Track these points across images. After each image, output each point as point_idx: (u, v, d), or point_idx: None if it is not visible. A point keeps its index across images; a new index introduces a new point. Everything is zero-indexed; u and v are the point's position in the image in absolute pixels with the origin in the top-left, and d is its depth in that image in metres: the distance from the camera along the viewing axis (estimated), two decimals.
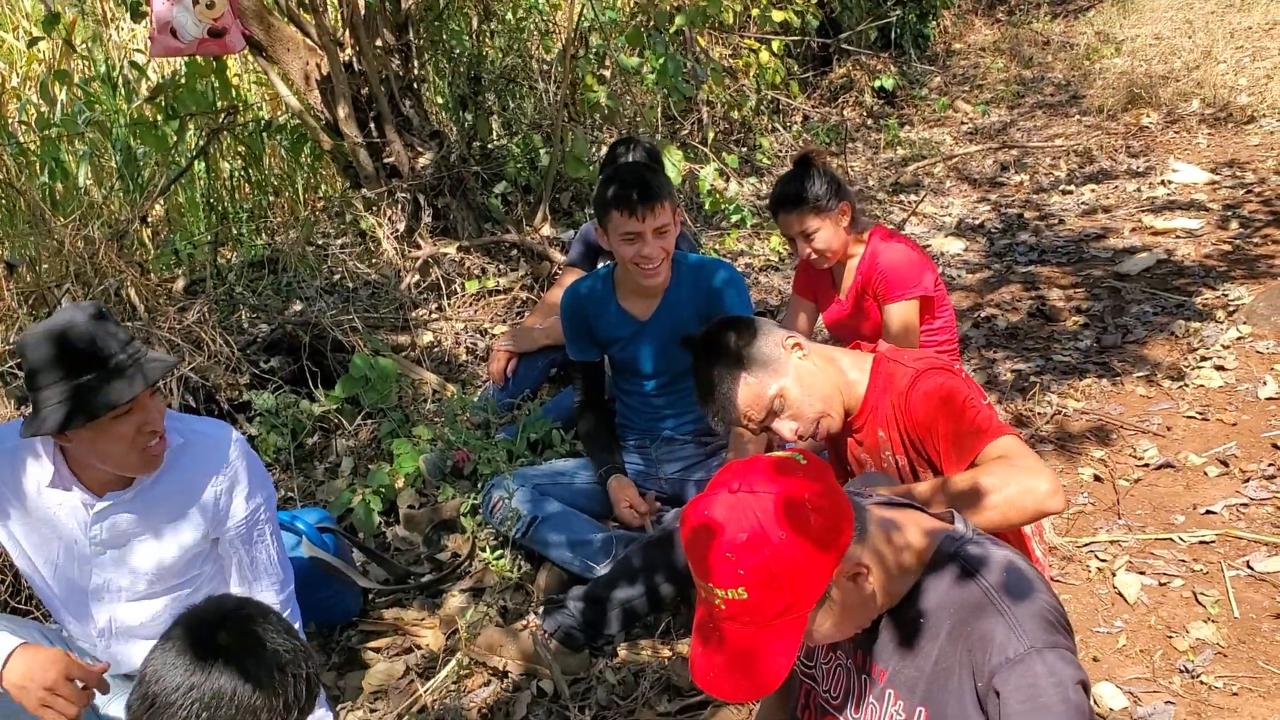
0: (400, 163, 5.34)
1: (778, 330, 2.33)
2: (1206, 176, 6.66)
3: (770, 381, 2.26)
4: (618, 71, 6.25)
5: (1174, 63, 8.92)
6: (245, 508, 2.42)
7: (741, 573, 1.47)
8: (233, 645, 1.63)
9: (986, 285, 5.43)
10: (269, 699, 1.63)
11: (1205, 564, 3.10)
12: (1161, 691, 2.62)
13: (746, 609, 1.49)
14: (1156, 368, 4.31)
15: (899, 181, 7.30)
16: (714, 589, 1.50)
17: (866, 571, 1.57)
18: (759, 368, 2.26)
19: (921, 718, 1.63)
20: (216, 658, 1.62)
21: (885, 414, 2.27)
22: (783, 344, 2.29)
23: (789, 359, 2.28)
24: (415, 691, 2.77)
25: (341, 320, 4.48)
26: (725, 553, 1.47)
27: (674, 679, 2.71)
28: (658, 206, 3.07)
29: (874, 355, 2.35)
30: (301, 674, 1.68)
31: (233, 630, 1.65)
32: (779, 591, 1.48)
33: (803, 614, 1.52)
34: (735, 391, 2.27)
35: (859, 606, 1.61)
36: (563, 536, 3.15)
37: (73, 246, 4.04)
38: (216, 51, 4.58)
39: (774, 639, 1.51)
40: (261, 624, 1.69)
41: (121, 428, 2.14)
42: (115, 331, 2.14)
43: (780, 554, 1.46)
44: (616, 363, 3.44)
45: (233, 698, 1.61)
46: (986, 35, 11.54)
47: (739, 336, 2.29)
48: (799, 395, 2.27)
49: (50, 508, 2.29)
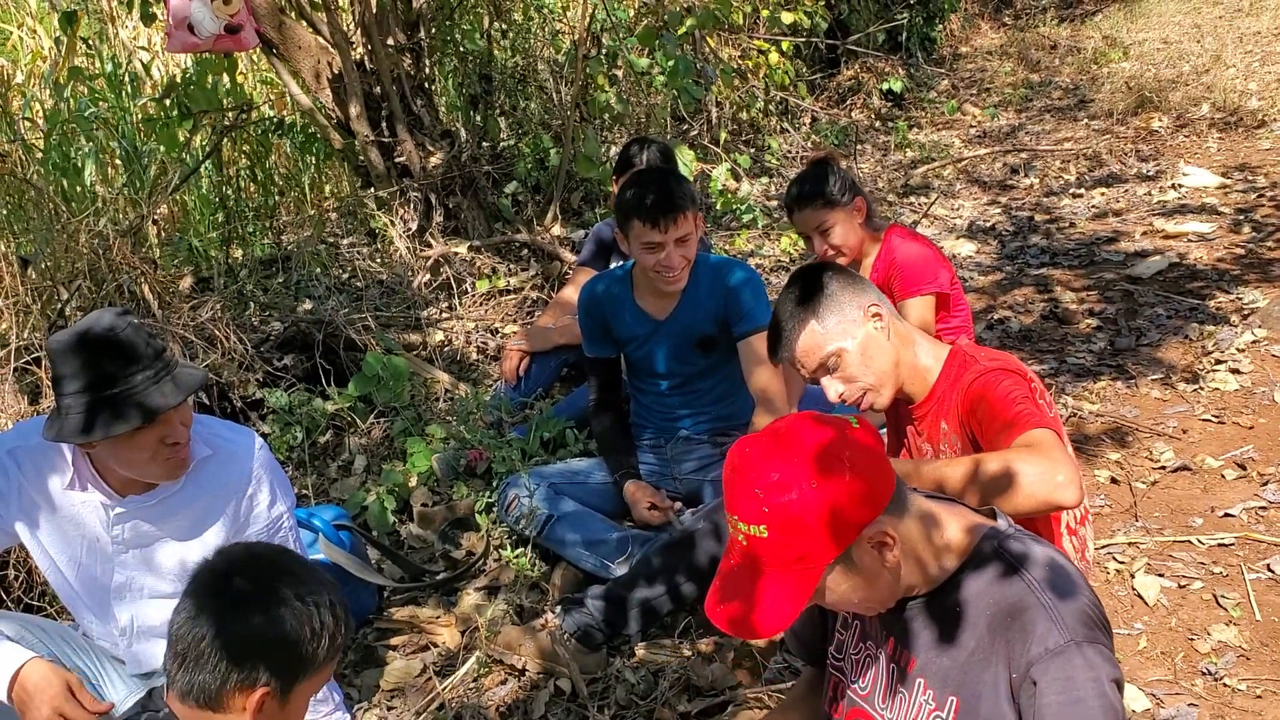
0: (411, 162, 5.33)
1: (869, 292, 2.26)
2: (1218, 180, 6.65)
3: (834, 339, 2.21)
4: (629, 72, 6.24)
5: (1183, 67, 8.93)
6: (268, 515, 2.41)
7: (766, 510, 1.50)
8: (251, 588, 1.63)
9: (999, 287, 5.42)
10: (299, 629, 1.63)
11: (1225, 566, 3.09)
12: (1184, 694, 2.61)
13: (765, 548, 1.52)
14: (1171, 371, 4.30)
15: (908, 184, 7.29)
16: (739, 522, 1.54)
17: (893, 543, 1.56)
18: (830, 321, 2.21)
19: (952, 707, 1.62)
20: (237, 602, 1.62)
21: (950, 407, 2.23)
22: (864, 307, 2.22)
23: (864, 325, 2.22)
24: (433, 689, 2.76)
25: (354, 319, 4.47)
26: (755, 488, 1.52)
27: (693, 679, 2.70)
28: (680, 217, 3.05)
29: (951, 347, 2.30)
30: (324, 604, 1.67)
31: (248, 574, 1.65)
32: (798, 536, 1.50)
33: (818, 566, 1.53)
34: (797, 334, 2.22)
35: (880, 580, 1.59)
36: (579, 535, 3.14)
37: (86, 243, 4.03)
38: (232, 48, 4.57)
39: (785, 584, 1.54)
40: (275, 562, 1.69)
41: (144, 439, 2.12)
42: (147, 342, 2.11)
43: (805, 500, 1.49)
44: (632, 362, 3.42)
45: (261, 636, 1.61)
46: (993, 39, 11.55)
47: (828, 283, 2.23)
48: (856, 361, 2.22)
49: (73, 505, 2.28)
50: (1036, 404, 2.10)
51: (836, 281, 2.24)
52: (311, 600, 1.65)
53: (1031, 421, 2.04)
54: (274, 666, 1.62)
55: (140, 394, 2.06)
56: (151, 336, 2.15)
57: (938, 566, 1.65)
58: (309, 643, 1.64)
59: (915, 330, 2.35)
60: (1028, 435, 2.02)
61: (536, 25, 6.98)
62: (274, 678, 1.62)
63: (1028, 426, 2.04)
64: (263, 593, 1.63)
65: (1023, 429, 2.04)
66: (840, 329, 2.21)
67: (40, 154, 5.52)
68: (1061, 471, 1.95)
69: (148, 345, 2.11)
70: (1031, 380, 2.17)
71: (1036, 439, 2.00)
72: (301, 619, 1.63)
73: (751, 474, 1.54)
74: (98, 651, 2.44)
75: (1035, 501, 1.95)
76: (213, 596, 1.63)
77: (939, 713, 1.64)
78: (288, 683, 1.64)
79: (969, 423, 2.16)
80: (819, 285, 2.23)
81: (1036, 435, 2.02)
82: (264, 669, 1.61)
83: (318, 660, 1.66)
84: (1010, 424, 2.06)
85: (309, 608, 1.64)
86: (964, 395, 2.17)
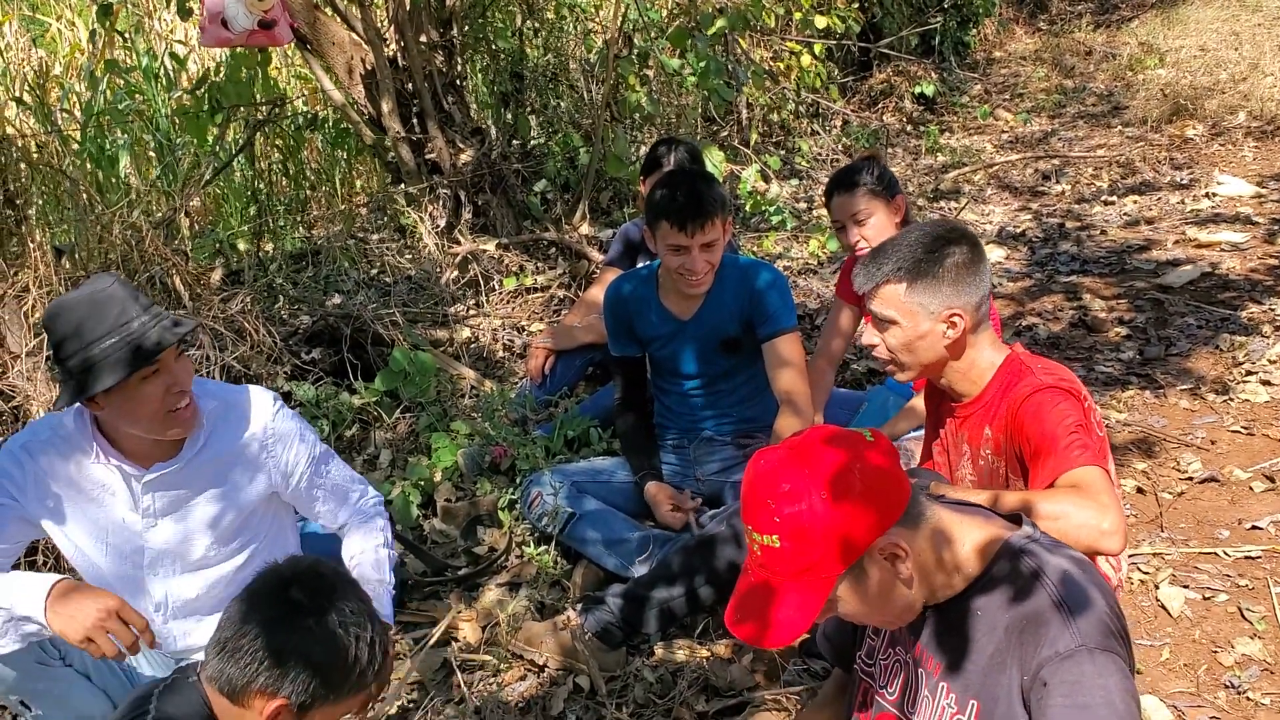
0: (442, 159, 5.36)
1: (966, 296, 2.15)
2: (1253, 190, 6.58)
3: (903, 312, 2.15)
4: (660, 72, 6.25)
5: (1219, 74, 8.83)
6: (303, 453, 2.45)
7: (777, 520, 1.56)
8: (305, 602, 1.67)
9: (1028, 294, 5.39)
10: (332, 658, 1.66)
11: (1251, 579, 3.06)
12: (1206, 706, 2.59)
13: (777, 558, 1.58)
14: (1201, 381, 4.26)
15: (939, 188, 7.26)
16: (753, 532, 1.61)
17: (905, 555, 1.58)
18: (917, 298, 2.14)
19: (973, 711, 1.64)
20: (288, 612, 1.66)
21: (998, 413, 2.19)
22: (949, 309, 2.14)
23: (936, 324, 2.15)
24: (453, 683, 2.77)
25: (382, 314, 4.50)
26: (768, 499, 1.58)
27: (712, 679, 2.70)
28: (708, 224, 3.05)
29: (1008, 353, 2.23)
30: (365, 638, 1.69)
31: (306, 588, 1.69)
32: (808, 546, 1.55)
33: (829, 577, 1.57)
34: (889, 281, 2.16)
35: (893, 592, 1.62)
36: (600, 534, 3.15)
37: (120, 234, 4.08)
38: (265, 43, 4.61)
39: (796, 593, 1.58)
40: (338, 586, 1.72)
41: (149, 388, 2.15)
42: (136, 297, 2.16)
43: (815, 511, 1.54)
44: (656, 361, 3.43)
45: (294, 651, 1.65)
46: (1028, 44, 11.46)
47: (950, 258, 2.14)
48: (903, 343, 2.18)
49: (97, 487, 2.30)
50: (1090, 433, 2.06)
51: (957, 263, 2.14)
52: (355, 632, 1.68)
53: (1083, 458, 2.01)
54: (299, 682, 1.66)
55: (137, 337, 2.11)
56: (139, 291, 2.20)
57: (959, 575, 1.66)
58: (339, 670, 1.68)
59: (988, 338, 2.25)
60: (1078, 474, 1.99)
61: (568, 24, 6.99)
62: (296, 693, 1.66)
63: (1079, 463, 2.00)
64: (313, 611, 1.67)
65: (1074, 464, 2.01)
66: (917, 310, 2.15)
67: (76, 145, 5.60)
68: (1108, 519, 1.93)
69: (136, 299, 2.16)
70: (1085, 399, 2.13)
71: (1087, 480, 1.98)
72: (340, 646, 1.67)
73: (765, 485, 1.59)
74: None
75: (1080, 548, 1.92)
76: (266, 598, 1.68)
77: (960, 716, 1.65)
78: (307, 702, 1.68)
79: (1016, 438, 2.13)
80: (940, 256, 2.14)
81: (1087, 476, 1.99)
82: (289, 682, 1.65)
83: (343, 690, 1.70)
84: (1062, 456, 2.03)
85: (350, 638, 1.68)
86: (1016, 409, 2.13)
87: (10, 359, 3.38)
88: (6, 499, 2.27)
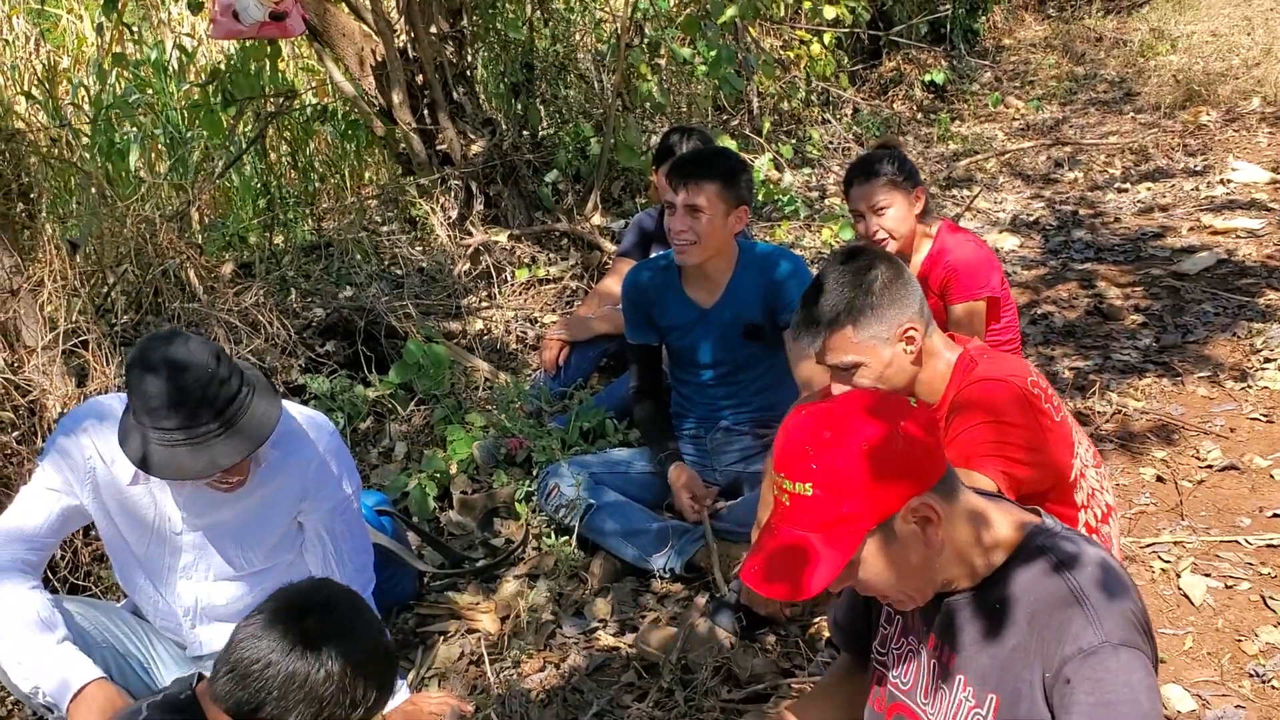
0: (453, 150, 5.35)
1: (911, 304, 2.20)
2: (1268, 176, 6.54)
3: (862, 352, 2.19)
4: (671, 60, 6.22)
5: (1232, 60, 8.77)
6: (334, 494, 2.43)
7: (814, 467, 1.52)
8: (317, 632, 1.67)
9: (1043, 282, 5.36)
10: (337, 694, 1.67)
11: (1273, 567, 3.04)
12: (1231, 695, 2.57)
13: (808, 507, 1.53)
14: (1219, 368, 4.23)
15: (951, 176, 7.23)
16: (784, 480, 1.56)
17: (937, 520, 1.55)
18: (865, 332, 2.18)
19: (992, 705, 1.62)
20: (300, 642, 1.66)
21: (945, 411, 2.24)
22: (901, 325, 2.19)
23: (894, 345, 2.20)
24: (474, 675, 2.77)
25: (395, 306, 4.49)
26: (805, 445, 1.55)
27: (735, 670, 2.69)
28: (694, 185, 3.05)
29: (960, 353, 2.27)
30: (374, 680, 1.71)
31: (322, 618, 1.69)
32: (842, 496, 1.51)
33: (859, 529, 1.53)
34: (830, 333, 2.19)
35: (919, 558, 1.58)
36: (618, 525, 3.14)
37: (133, 227, 4.07)
38: (276, 34, 4.60)
39: (825, 545, 1.53)
40: (353, 621, 1.73)
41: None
42: (223, 384, 2.05)
43: (855, 462, 1.51)
44: (675, 351, 3.41)
45: (303, 684, 1.65)
46: (1037, 31, 11.41)
47: (875, 284, 2.18)
48: (872, 379, 2.21)
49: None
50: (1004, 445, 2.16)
51: (885, 283, 2.19)
52: (363, 672, 1.69)
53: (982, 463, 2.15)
54: (303, 715, 1.66)
55: (198, 447, 2.03)
56: (232, 371, 2.09)
57: (984, 562, 1.63)
58: (338, 707, 1.68)
59: (939, 338, 2.31)
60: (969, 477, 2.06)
61: (578, 14, 6.96)
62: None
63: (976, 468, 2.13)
64: (325, 645, 1.66)
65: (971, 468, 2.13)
66: (871, 344, 2.19)
67: (87, 139, 5.58)
68: None
69: (226, 383, 2.05)
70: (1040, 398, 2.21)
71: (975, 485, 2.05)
72: (343, 685, 1.67)
73: (805, 432, 1.56)
74: (148, 633, 2.46)
75: None
76: (282, 624, 1.67)
77: (979, 710, 1.63)
78: None
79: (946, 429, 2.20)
80: (867, 285, 2.18)
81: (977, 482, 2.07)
82: (295, 715, 1.66)
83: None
84: (964, 457, 2.14)
85: (356, 678, 1.68)
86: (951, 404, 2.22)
87: (26, 353, 3.36)
88: (65, 490, 2.26)
